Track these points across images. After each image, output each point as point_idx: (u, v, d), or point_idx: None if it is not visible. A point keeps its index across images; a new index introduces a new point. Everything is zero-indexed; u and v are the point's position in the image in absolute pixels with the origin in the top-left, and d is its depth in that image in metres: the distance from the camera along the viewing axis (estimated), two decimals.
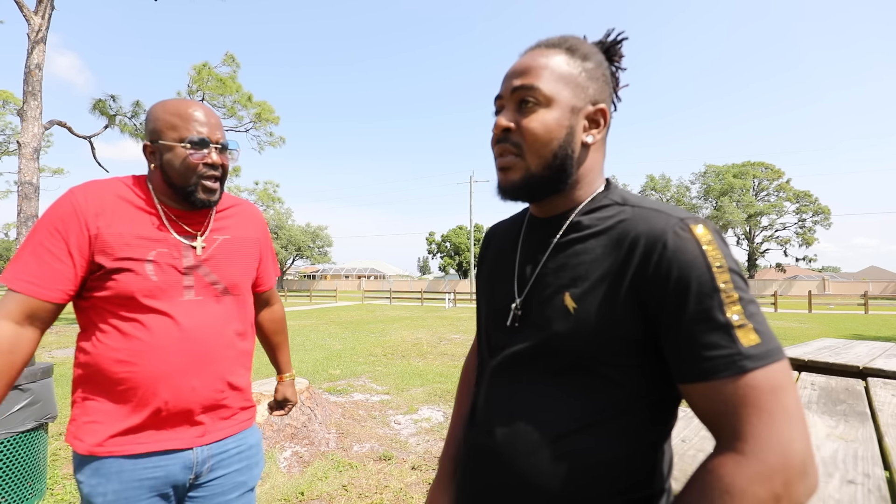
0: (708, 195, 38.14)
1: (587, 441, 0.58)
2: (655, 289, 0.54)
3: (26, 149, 10.22)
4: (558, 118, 0.62)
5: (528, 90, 0.62)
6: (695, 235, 0.54)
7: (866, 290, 23.65)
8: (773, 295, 19.02)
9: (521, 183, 0.63)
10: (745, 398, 0.48)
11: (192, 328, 0.96)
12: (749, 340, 0.49)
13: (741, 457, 0.47)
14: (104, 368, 0.92)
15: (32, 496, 2.33)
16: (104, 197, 0.94)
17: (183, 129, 0.94)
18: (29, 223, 10.15)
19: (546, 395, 0.61)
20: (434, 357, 7.26)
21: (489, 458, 0.64)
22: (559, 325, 0.60)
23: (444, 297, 25.37)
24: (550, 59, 0.63)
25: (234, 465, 1.05)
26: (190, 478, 0.99)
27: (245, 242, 1.11)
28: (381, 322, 13.24)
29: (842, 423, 1.53)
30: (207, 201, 0.99)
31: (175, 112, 0.95)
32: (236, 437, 1.06)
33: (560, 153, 0.62)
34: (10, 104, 19.59)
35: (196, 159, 0.95)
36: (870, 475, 1.11)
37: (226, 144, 1.00)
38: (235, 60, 16.41)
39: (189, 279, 0.98)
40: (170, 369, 0.93)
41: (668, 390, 0.59)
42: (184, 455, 0.97)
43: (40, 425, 2.34)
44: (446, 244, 49.09)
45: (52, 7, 10.58)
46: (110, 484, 0.91)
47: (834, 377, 2.28)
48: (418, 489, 2.71)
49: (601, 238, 0.61)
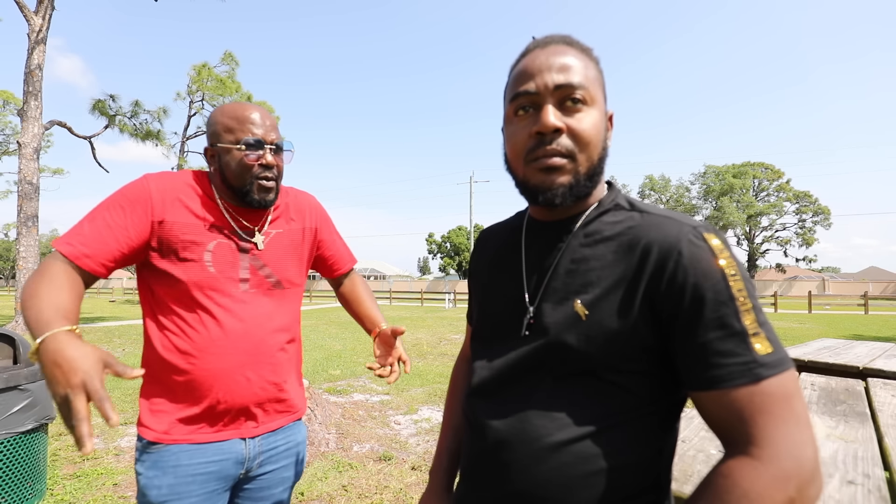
0: (708, 195, 38.15)
1: (595, 448, 0.57)
2: (671, 297, 0.54)
3: (26, 149, 10.22)
4: (601, 119, 0.61)
5: (576, 88, 0.58)
6: (709, 244, 0.54)
7: (866, 291, 23.64)
8: (773, 295, 19.02)
9: (571, 185, 0.60)
10: (760, 405, 0.48)
11: (247, 320, 0.98)
12: (763, 349, 0.50)
13: (757, 462, 0.47)
14: (167, 360, 0.94)
15: (32, 496, 2.33)
16: (176, 187, 0.98)
17: (239, 131, 0.97)
18: (29, 223, 10.15)
19: (553, 403, 0.60)
20: (434, 357, 7.26)
21: (495, 467, 0.62)
22: (570, 333, 0.59)
23: (444, 298, 25.37)
24: (581, 59, 0.60)
25: (281, 460, 1.07)
26: (241, 472, 1.01)
27: (297, 234, 1.12)
28: None
29: (842, 423, 1.53)
30: (263, 200, 1.01)
31: (232, 115, 0.98)
32: (285, 433, 1.08)
33: (602, 155, 0.62)
34: (11, 104, 19.59)
35: (251, 160, 0.97)
36: (870, 475, 1.11)
37: (281, 145, 1.02)
38: (234, 59, 16.41)
39: (245, 272, 1.00)
40: (228, 362, 0.95)
41: (675, 397, 0.59)
42: (237, 449, 0.99)
43: (40, 426, 2.34)
44: (446, 244, 49.08)
45: (53, 7, 10.58)
46: (166, 478, 0.93)
47: (834, 377, 2.28)
48: (418, 489, 2.71)
49: (611, 244, 0.60)
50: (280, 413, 1.06)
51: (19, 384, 2.21)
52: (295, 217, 1.13)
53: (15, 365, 2.35)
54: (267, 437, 1.04)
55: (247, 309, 0.99)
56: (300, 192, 1.18)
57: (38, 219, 10.32)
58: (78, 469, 2.89)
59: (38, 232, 10.44)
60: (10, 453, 2.20)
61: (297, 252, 1.12)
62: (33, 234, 10.26)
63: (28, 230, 10.10)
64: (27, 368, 2.28)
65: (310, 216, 1.16)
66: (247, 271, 1.01)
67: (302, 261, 1.13)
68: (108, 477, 2.79)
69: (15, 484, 2.23)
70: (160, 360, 0.95)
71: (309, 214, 1.16)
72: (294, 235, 1.11)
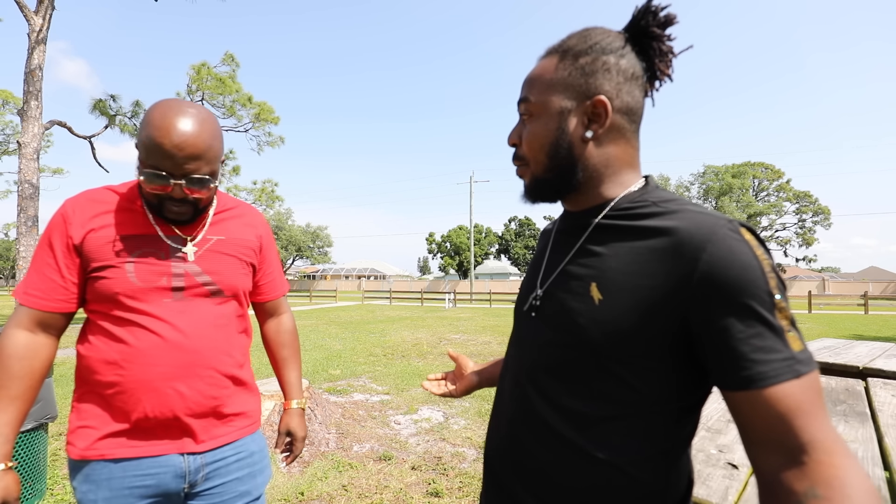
0: (707, 195, 38.14)
1: (592, 440, 0.58)
2: (703, 289, 0.51)
3: (26, 149, 10.21)
4: (546, 123, 0.64)
5: (523, 103, 0.67)
6: (746, 238, 0.53)
7: (866, 291, 23.62)
8: None
9: (531, 187, 0.69)
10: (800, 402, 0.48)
11: (181, 330, 0.94)
12: (797, 346, 0.49)
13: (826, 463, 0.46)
14: (94, 371, 0.93)
15: (32, 496, 2.33)
16: (93, 204, 0.96)
17: (148, 156, 0.87)
18: (29, 223, 10.14)
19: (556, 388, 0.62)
20: (434, 357, 7.26)
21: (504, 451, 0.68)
22: (580, 315, 0.59)
23: (444, 298, 25.36)
24: (542, 68, 0.66)
25: (233, 473, 1.02)
26: (184, 486, 0.96)
27: (241, 244, 1.07)
28: (381, 322, 13.23)
29: (842, 423, 1.53)
30: (177, 221, 0.96)
31: (147, 135, 0.86)
32: (235, 444, 1.02)
33: (554, 153, 0.64)
34: (10, 104, 19.58)
35: (152, 189, 0.89)
36: (870, 475, 1.11)
37: (195, 178, 0.90)
38: (235, 60, 16.39)
39: (178, 280, 0.96)
40: (155, 373, 0.91)
41: (687, 401, 0.58)
42: (174, 463, 0.94)
43: (40, 425, 2.34)
44: (446, 244, 49.04)
45: (53, 7, 10.57)
46: (101, 491, 0.91)
47: (834, 377, 2.28)
48: (418, 489, 2.71)
49: (636, 234, 0.59)
50: (223, 428, 1.00)
51: None
52: (244, 228, 1.09)
53: None
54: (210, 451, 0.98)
55: (181, 318, 0.94)
56: (252, 208, 1.16)
57: (38, 219, 10.30)
58: None
59: (38, 232, 10.44)
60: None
61: (241, 261, 1.06)
62: (33, 233, 10.26)
63: (28, 230, 10.09)
64: None
65: (257, 232, 1.12)
66: (181, 280, 0.96)
67: (246, 269, 1.08)
68: None
69: None
70: (88, 370, 0.94)
71: (256, 230, 1.12)
72: (240, 245, 1.07)
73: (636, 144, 0.66)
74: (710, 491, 1.05)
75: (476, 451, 3.29)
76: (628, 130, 0.64)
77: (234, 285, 1.04)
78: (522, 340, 0.70)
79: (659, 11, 0.61)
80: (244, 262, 1.08)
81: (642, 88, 0.64)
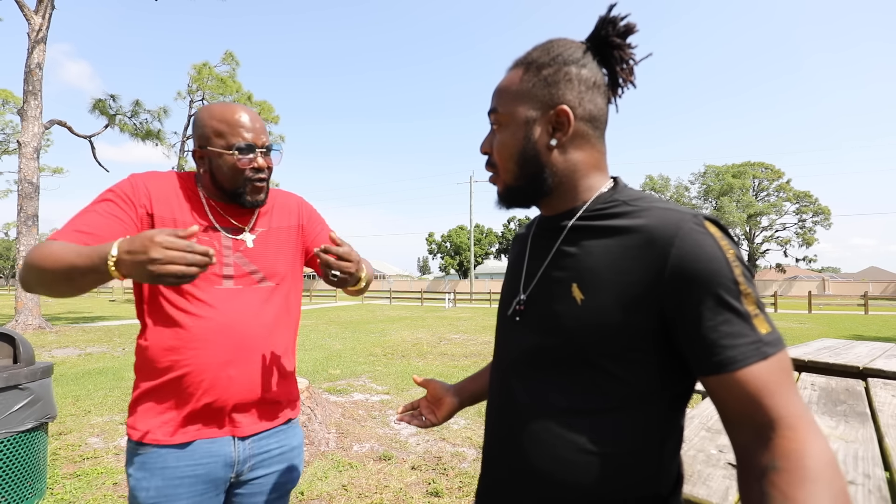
0: (707, 195, 38.17)
1: (588, 434, 0.59)
2: (674, 282, 0.54)
3: (26, 148, 10.22)
4: (513, 133, 0.67)
5: (492, 113, 0.69)
6: (710, 230, 0.56)
7: (866, 291, 23.64)
8: (773, 295, 19.02)
9: (504, 194, 0.71)
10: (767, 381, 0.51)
11: (230, 317, 0.98)
12: (764, 329, 0.52)
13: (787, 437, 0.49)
14: (153, 360, 0.96)
15: (32, 496, 2.33)
16: (162, 185, 1.00)
17: (230, 135, 0.98)
18: (29, 223, 10.15)
19: (547, 387, 0.63)
20: (434, 357, 7.26)
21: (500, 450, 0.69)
22: (565, 316, 0.61)
23: (444, 298, 25.37)
24: (509, 80, 0.68)
25: (275, 465, 1.06)
26: (231, 476, 1.01)
27: (283, 232, 1.12)
28: (381, 322, 13.24)
29: (842, 423, 1.53)
30: (255, 201, 1.03)
31: (221, 118, 0.98)
32: (278, 436, 1.07)
33: (522, 162, 0.67)
34: (10, 103, 19.58)
35: (244, 164, 0.99)
36: (870, 476, 1.11)
37: (270, 147, 1.04)
38: (235, 58, 16.42)
39: (229, 269, 1.01)
40: (208, 357, 0.95)
41: (677, 388, 0.60)
42: (225, 452, 0.99)
43: (40, 425, 2.34)
44: (446, 244, 49.08)
45: (53, 7, 10.58)
46: (154, 479, 0.94)
47: (834, 378, 2.28)
48: (418, 489, 2.71)
49: (609, 233, 0.61)
50: (270, 413, 1.05)
51: (19, 383, 2.21)
52: (282, 215, 1.14)
53: (15, 364, 2.35)
54: (258, 441, 1.03)
55: (231, 305, 0.99)
56: (287, 193, 1.20)
57: (38, 218, 10.32)
58: (78, 468, 2.89)
59: (39, 231, 10.44)
60: (10, 452, 2.20)
61: (285, 248, 1.12)
62: (33, 233, 10.26)
63: (28, 229, 10.10)
64: (27, 368, 2.28)
65: (297, 214, 1.17)
66: (231, 268, 1.01)
67: (291, 257, 1.13)
68: (107, 476, 2.79)
69: (15, 483, 2.23)
70: (147, 358, 0.96)
71: (297, 212, 1.17)
72: (280, 233, 1.12)
73: (602, 149, 0.68)
74: (710, 491, 1.05)
75: (476, 451, 3.29)
76: (593, 136, 0.66)
77: (280, 272, 1.09)
78: (510, 345, 0.71)
79: (619, 21, 0.64)
80: (289, 249, 1.13)
81: (605, 96, 0.67)
